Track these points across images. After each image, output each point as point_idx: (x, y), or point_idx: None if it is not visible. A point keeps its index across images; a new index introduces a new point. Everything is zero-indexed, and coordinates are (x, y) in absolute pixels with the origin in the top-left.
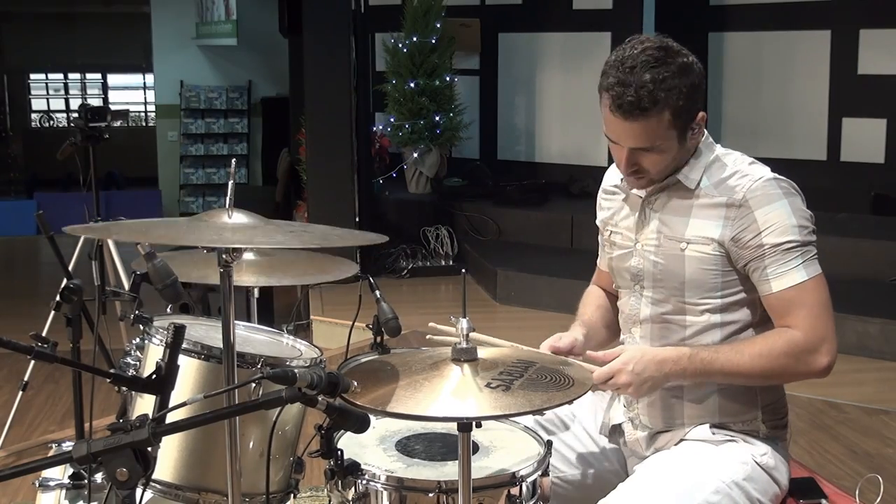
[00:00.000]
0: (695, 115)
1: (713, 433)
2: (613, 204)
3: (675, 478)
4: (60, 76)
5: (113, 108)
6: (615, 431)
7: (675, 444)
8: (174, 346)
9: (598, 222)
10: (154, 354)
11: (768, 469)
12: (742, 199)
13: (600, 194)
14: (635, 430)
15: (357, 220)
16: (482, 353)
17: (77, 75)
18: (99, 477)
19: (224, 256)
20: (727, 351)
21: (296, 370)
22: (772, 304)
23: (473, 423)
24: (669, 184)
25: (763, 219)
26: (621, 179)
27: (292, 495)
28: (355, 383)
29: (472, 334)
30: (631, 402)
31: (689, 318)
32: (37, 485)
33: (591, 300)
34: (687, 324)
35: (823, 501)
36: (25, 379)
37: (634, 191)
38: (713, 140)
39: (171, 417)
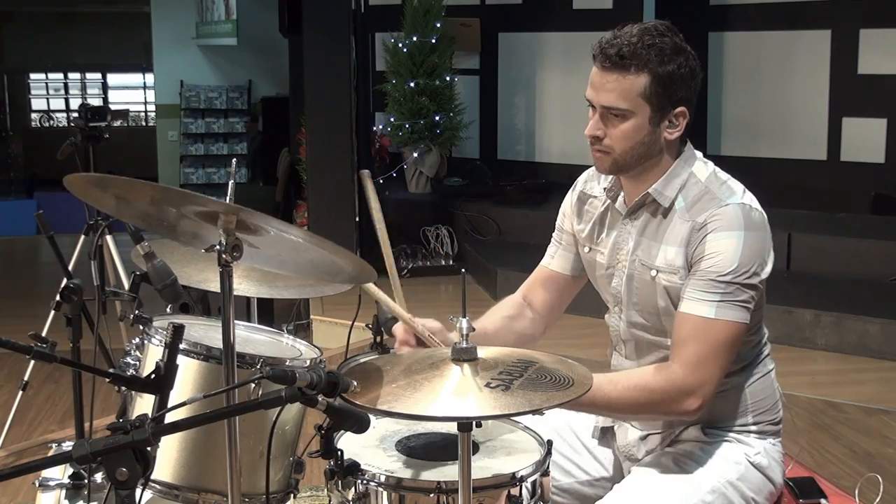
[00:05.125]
0: (675, 103)
1: (705, 433)
2: (592, 217)
3: (670, 478)
4: (60, 76)
5: (113, 107)
6: (606, 434)
7: (668, 445)
8: (173, 345)
9: (564, 226)
10: (153, 354)
11: (762, 468)
12: (702, 223)
13: (576, 197)
14: (626, 433)
15: (357, 219)
16: (482, 352)
17: (77, 75)
18: (99, 477)
19: (224, 256)
20: (600, 382)
21: (295, 370)
22: (676, 321)
23: (473, 423)
24: (645, 201)
25: (711, 245)
26: (604, 189)
27: (292, 495)
28: (355, 383)
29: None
30: None
31: (670, 340)
32: (37, 485)
33: (496, 312)
34: (668, 345)
35: (823, 501)
36: (25, 379)
37: (616, 205)
38: (696, 153)
39: (171, 417)
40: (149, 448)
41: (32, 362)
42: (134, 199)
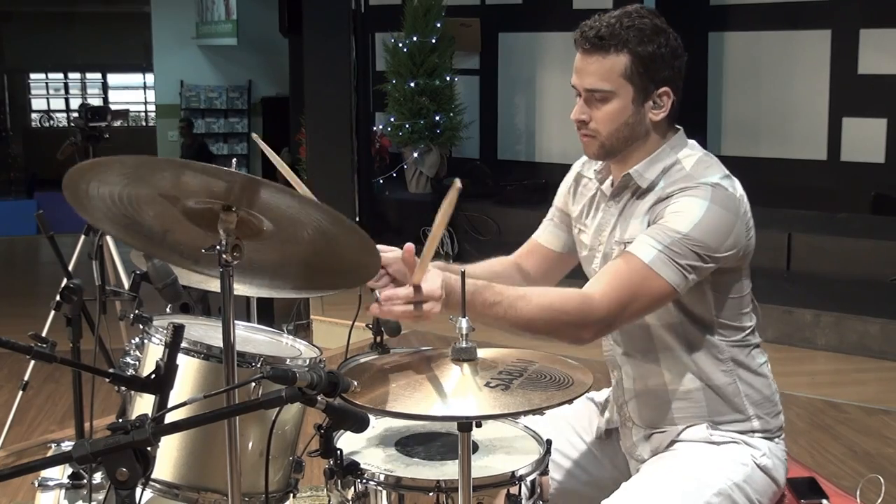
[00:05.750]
0: (658, 83)
1: (711, 434)
2: (584, 199)
3: (677, 479)
4: (60, 76)
5: (113, 107)
6: (611, 435)
7: (672, 445)
8: (173, 345)
9: (559, 204)
10: (154, 354)
11: (767, 470)
12: (669, 193)
13: (573, 177)
14: (630, 433)
15: (357, 220)
16: (482, 352)
17: (77, 75)
18: (98, 477)
19: (224, 256)
20: (512, 296)
21: (295, 370)
22: (616, 255)
23: (473, 423)
24: (627, 183)
25: (673, 206)
26: (594, 171)
27: (292, 495)
28: (355, 383)
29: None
30: (622, 404)
31: (650, 321)
32: (36, 485)
33: (485, 264)
34: (648, 323)
35: (824, 501)
36: (25, 379)
37: (603, 187)
38: (688, 142)
39: (171, 417)
40: (149, 448)
41: (32, 362)
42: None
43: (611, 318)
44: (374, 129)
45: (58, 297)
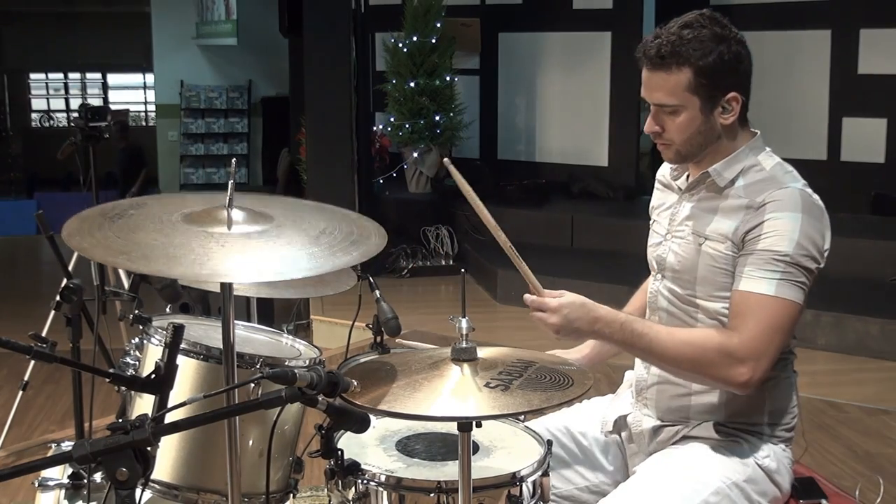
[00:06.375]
0: (725, 90)
1: (716, 432)
2: (661, 194)
3: (675, 479)
4: (60, 76)
5: (113, 107)
6: (619, 423)
7: (677, 441)
8: (173, 345)
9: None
10: (153, 354)
11: (769, 472)
12: (761, 202)
13: (657, 181)
14: (641, 421)
15: None
16: (482, 352)
17: (77, 75)
18: (98, 477)
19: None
20: (660, 330)
21: (295, 370)
22: (733, 300)
23: (473, 423)
24: (704, 180)
25: (770, 224)
26: (672, 169)
27: (291, 495)
28: (355, 383)
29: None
30: (642, 389)
31: (700, 314)
32: (36, 485)
33: (641, 293)
34: (698, 319)
35: (824, 501)
36: (25, 379)
37: (677, 183)
38: (765, 146)
39: (171, 417)
40: (149, 448)
41: (32, 362)
42: None
43: (759, 352)
44: (374, 129)
45: (58, 297)
